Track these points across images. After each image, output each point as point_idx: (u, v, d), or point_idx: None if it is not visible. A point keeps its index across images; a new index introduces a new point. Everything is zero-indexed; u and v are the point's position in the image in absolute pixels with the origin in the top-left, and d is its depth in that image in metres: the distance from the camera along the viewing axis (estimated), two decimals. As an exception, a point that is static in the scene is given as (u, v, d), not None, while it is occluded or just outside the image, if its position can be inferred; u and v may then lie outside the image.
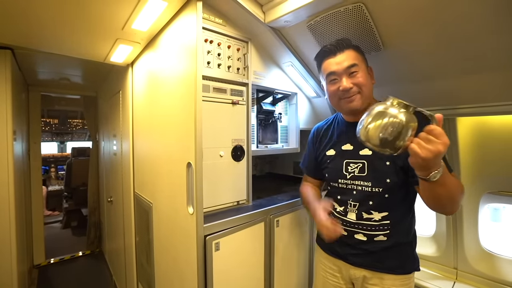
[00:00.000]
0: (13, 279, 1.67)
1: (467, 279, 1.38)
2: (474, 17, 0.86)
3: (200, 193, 0.98)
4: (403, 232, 0.94)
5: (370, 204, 0.94)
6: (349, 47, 0.95)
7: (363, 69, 0.94)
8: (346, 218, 1.00)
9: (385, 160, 0.90)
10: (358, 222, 0.96)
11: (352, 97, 0.93)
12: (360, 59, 0.95)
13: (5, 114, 1.62)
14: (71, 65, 2.19)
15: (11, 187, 1.64)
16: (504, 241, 1.36)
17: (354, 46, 0.96)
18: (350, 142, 1.00)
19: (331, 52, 0.95)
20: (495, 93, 1.05)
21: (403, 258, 0.94)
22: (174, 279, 1.21)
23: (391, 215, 0.93)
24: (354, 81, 0.92)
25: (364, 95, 0.93)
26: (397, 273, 0.93)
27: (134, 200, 1.73)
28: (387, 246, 0.93)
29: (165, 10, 1.09)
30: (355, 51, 0.95)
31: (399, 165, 0.88)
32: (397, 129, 0.63)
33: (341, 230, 0.93)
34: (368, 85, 0.95)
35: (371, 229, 0.94)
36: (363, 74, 0.93)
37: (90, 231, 3.15)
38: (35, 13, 1.11)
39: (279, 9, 1.12)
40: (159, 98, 1.31)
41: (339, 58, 0.93)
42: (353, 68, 0.92)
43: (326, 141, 1.10)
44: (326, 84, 1.00)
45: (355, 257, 0.98)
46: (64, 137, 6.24)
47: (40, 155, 2.86)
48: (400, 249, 0.94)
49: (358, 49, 0.97)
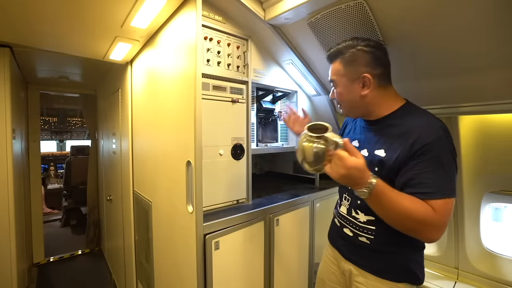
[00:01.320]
0: (13, 278, 1.67)
1: (468, 279, 1.37)
2: (475, 15, 0.85)
3: (200, 191, 0.97)
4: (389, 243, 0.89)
5: (358, 203, 0.94)
6: (336, 58, 0.93)
7: (342, 83, 0.92)
8: (339, 210, 1.04)
9: (374, 165, 0.86)
10: (346, 216, 0.99)
11: (339, 105, 1.00)
12: (342, 73, 0.92)
13: (4, 112, 1.61)
14: (70, 63, 2.18)
15: (10, 185, 1.63)
16: (505, 241, 1.35)
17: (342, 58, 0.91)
18: (358, 139, 0.99)
19: (327, 59, 0.99)
20: (497, 92, 1.04)
21: (390, 265, 0.89)
22: (173, 278, 1.20)
23: (378, 222, 0.87)
24: (334, 93, 0.98)
25: (345, 105, 0.96)
26: (381, 276, 0.90)
27: (133, 198, 1.73)
28: (370, 248, 0.91)
29: (164, 8, 1.08)
30: (340, 64, 0.92)
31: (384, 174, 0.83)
32: (315, 156, 0.77)
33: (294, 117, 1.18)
34: (348, 97, 0.93)
35: (356, 228, 0.95)
36: (341, 88, 0.94)
37: (89, 229, 3.15)
38: (33, 11, 1.10)
39: (279, 6, 1.11)
40: (158, 96, 1.30)
41: (330, 69, 0.97)
42: (332, 83, 0.97)
43: (347, 133, 1.11)
44: None
45: (345, 249, 1.00)
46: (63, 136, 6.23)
47: (39, 153, 2.85)
48: (385, 256, 0.90)
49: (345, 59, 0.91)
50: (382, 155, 0.85)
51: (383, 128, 0.91)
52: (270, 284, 1.23)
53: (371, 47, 0.88)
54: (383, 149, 0.87)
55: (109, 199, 2.39)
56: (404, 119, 0.87)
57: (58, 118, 5.56)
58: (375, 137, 0.92)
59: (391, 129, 0.88)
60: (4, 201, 1.62)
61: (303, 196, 1.42)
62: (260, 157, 2.17)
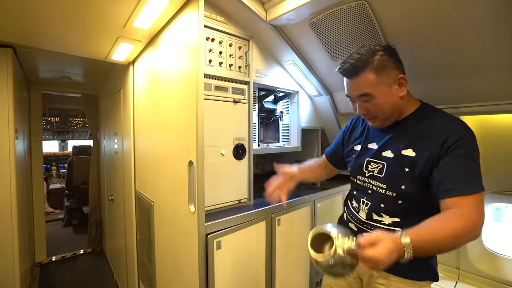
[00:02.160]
0: (15, 277, 1.68)
1: (469, 279, 1.37)
2: (475, 16, 0.85)
3: (202, 191, 0.98)
4: None
5: (382, 207, 0.92)
6: (364, 68, 0.83)
7: (382, 92, 0.84)
8: (358, 215, 1.00)
9: (404, 166, 0.85)
10: (366, 221, 0.96)
11: (371, 119, 0.92)
12: (376, 83, 0.84)
13: (7, 112, 1.62)
14: (72, 63, 2.19)
15: (13, 185, 1.64)
16: (506, 241, 1.35)
17: (372, 67, 0.83)
18: (376, 142, 0.97)
19: (346, 75, 0.88)
20: (498, 92, 1.04)
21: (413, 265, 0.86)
22: (175, 277, 1.21)
23: (403, 223, 0.88)
24: (368, 107, 0.87)
25: (382, 117, 0.89)
26: (403, 276, 0.90)
27: (135, 198, 1.73)
28: None
29: (166, 8, 1.08)
30: (371, 73, 0.83)
31: (417, 173, 0.82)
32: (337, 274, 0.71)
33: (281, 198, 1.00)
34: (386, 108, 0.86)
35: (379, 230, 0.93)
36: (379, 99, 0.85)
37: (91, 229, 3.16)
38: (36, 11, 1.11)
39: (281, 7, 1.11)
40: (160, 97, 1.31)
41: (351, 85, 0.87)
42: (365, 97, 0.86)
43: (357, 135, 1.08)
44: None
45: None
46: (65, 136, 6.24)
47: (42, 153, 2.86)
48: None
49: (377, 67, 0.83)
50: (412, 155, 0.84)
51: (406, 127, 0.90)
52: (271, 284, 1.24)
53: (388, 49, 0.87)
54: (411, 148, 0.85)
55: (110, 199, 2.39)
56: (428, 118, 0.87)
57: (60, 118, 5.57)
58: (398, 138, 0.90)
59: (415, 128, 0.87)
60: (7, 200, 1.63)
61: (304, 196, 1.42)
62: (261, 157, 2.17)
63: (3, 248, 1.63)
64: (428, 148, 0.81)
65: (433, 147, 0.80)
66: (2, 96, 1.61)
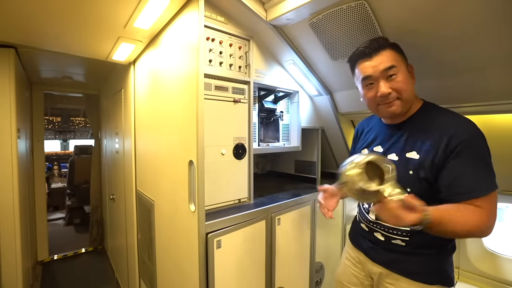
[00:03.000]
0: (18, 275, 1.69)
1: (469, 279, 1.37)
2: (476, 15, 0.85)
3: (202, 191, 0.98)
4: (424, 243, 0.87)
5: None
6: (386, 46, 0.85)
7: (403, 71, 0.85)
8: (368, 216, 1.01)
9: (408, 169, 0.85)
10: (376, 221, 0.97)
11: (391, 102, 0.87)
12: (399, 59, 0.85)
13: (9, 112, 1.63)
14: (74, 63, 2.20)
15: (15, 184, 1.66)
16: (506, 241, 1.35)
17: (392, 45, 0.87)
18: (381, 145, 0.97)
19: (366, 54, 0.87)
20: (499, 92, 1.04)
21: (423, 267, 0.88)
22: (175, 276, 1.22)
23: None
24: (393, 85, 0.84)
25: (404, 99, 0.86)
26: (413, 279, 0.88)
27: (136, 197, 1.74)
28: (405, 251, 0.90)
29: (167, 8, 1.09)
30: (393, 51, 0.86)
31: (421, 176, 0.82)
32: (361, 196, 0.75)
33: (330, 214, 1.04)
34: (409, 88, 0.86)
35: (388, 231, 0.93)
36: (403, 76, 0.84)
37: (92, 228, 3.18)
38: (37, 11, 1.12)
39: (281, 7, 1.11)
40: (161, 96, 1.32)
41: (375, 61, 0.85)
42: (391, 70, 0.83)
43: (365, 139, 1.09)
44: (362, 88, 0.93)
45: (374, 253, 0.99)
46: (67, 135, 6.28)
47: (44, 153, 2.88)
48: (420, 258, 0.88)
49: (397, 47, 0.88)
50: (416, 158, 0.84)
51: (409, 129, 0.90)
52: (271, 283, 1.24)
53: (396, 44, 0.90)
54: (414, 151, 0.85)
55: (112, 198, 2.41)
56: (430, 118, 0.86)
57: (61, 118, 5.61)
58: (402, 140, 0.90)
59: (418, 129, 0.87)
60: (9, 199, 1.64)
61: (304, 196, 1.43)
62: (261, 156, 2.18)
63: (6, 247, 1.64)
64: (432, 150, 0.80)
65: (437, 149, 0.79)
66: (5, 96, 1.62)
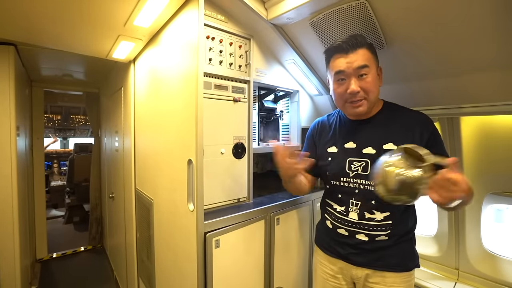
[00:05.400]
0: (16, 273, 1.69)
1: (468, 280, 1.37)
2: (476, 15, 0.84)
3: (201, 190, 0.98)
4: (404, 230, 0.94)
5: (373, 204, 0.93)
6: (363, 45, 0.89)
7: (373, 72, 0.90)
8: (347, 218, 0.98)
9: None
10: (360, 222, 0.95)
11: (358, 103, 0.91)
12: (372, 60, 0.90)
13: (9, 110, 1.63)
14: (74, 61, 2.19)
15: (14, 182, 1.65)
16: (506, 242, 1.35)
17: (368, 45, 0.91)
18: (353, 140, 0.99)
19: (343, 49, 0.90)
20: (498, 93, 1.03)
21: (404, 256, 0.95)
22: (174, 275, 1.21)
23: (393, 215, 0.92)
24: (362, 85, 0.89)
25: (370, 100, 0.91)
26: (398, 270, 0.93)
27: (135, 196, 1.74)
28: (388, 245, 0.93)
29: (167, 7, 1.08)
30: (368, 51, 0.90)
31: None
32: (413, 181, 0.70)
33: (300, 165, 0.95)
34: (376, 90, 0.91)
35: (372, 229, 0.93)
36: (373, 77, 0.89)
37: (92, 226, 3.18)
38: (37, 9, 1.11)
39: (281, 6, 1.11)
40: (160, 95, 1.31)
41: (350, 58, 0.88)
42: (363, 69, 0.88)
43: (328, 138, 1.08)
44: (333, 82, 0.97)
45: (356, 257, 0.98)
46: (66, 133, 6.28)
47: (43, 150, 2.88)
48: (401, 247, 0.94)
49: (372, 48, 0.92)
50: (394, 148, 0.88)
51: (380, 123, 0.95)
52: (270, 282, 1.24)
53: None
54: (391, 142, 0.90)
55: (111, 196, 2.41)
56: (395, 112, 0.95)
57: (61, 116, 5.61)
58: (375, 134, 0.94)
59: (390, 122, 0.93)
60: (8, 197, 1.64)
61: (303, 196, 1.42)
62: (261, 156, 2.17)
63: (4, 244, 1.64)
64: (408, 139, 0.85)
65: (413, 139, 0.86)
66: (4, 93, 1.61)
